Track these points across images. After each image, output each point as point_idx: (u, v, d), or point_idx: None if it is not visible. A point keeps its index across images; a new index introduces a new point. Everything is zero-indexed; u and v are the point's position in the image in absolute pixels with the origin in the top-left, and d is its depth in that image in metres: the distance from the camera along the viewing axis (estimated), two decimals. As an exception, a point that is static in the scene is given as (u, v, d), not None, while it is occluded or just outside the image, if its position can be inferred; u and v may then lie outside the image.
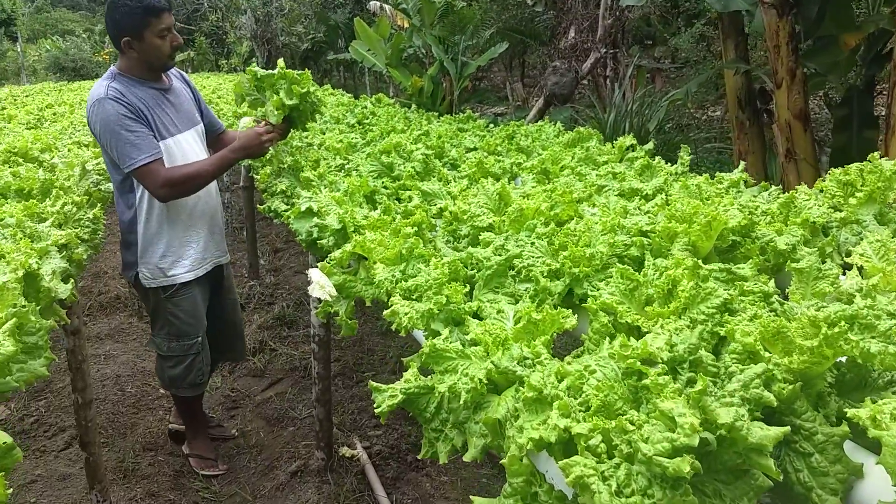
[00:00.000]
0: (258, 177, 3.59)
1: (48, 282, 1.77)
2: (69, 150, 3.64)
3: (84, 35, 32.94)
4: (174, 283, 2.70)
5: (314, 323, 2.85)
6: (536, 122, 11.10)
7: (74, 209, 2.39)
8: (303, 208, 2.31)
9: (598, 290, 1.40)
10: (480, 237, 1.86)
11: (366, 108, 5.84)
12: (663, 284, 1.35)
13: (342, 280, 1.76)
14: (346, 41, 22.22)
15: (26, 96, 11.15)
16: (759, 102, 5.21)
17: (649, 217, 1.77)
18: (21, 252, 1.77)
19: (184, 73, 2.99)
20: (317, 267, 1.86)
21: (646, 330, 1.27)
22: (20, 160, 3.56)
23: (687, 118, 11.96)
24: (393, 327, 1.42)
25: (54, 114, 6.62)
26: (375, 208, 2.38)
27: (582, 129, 3.35)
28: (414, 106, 6.11)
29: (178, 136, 2.69)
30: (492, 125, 4.55)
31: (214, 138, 3.03)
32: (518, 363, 1.00)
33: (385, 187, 2.70)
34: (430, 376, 1.17)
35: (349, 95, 9.62)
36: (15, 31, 34.96)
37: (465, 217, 2.01)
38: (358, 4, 21.96)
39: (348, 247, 1.77)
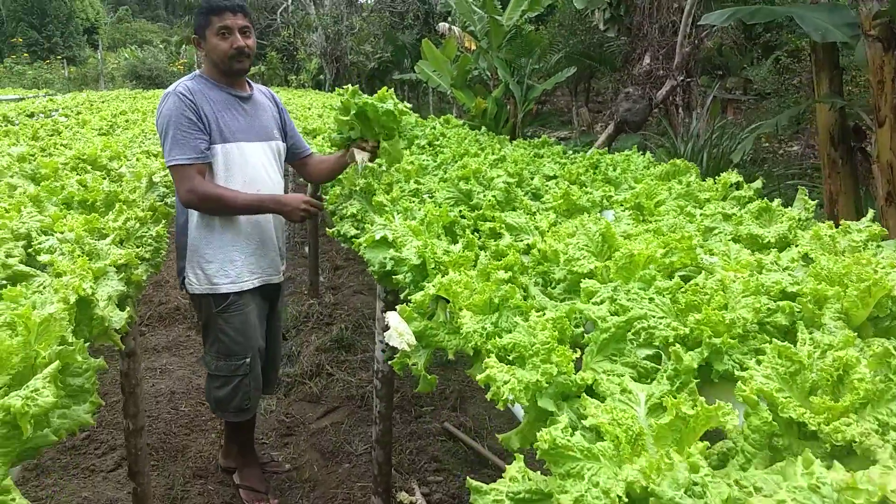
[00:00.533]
0: (326, 197, 3.45)
1: (102, 309, 1.61)
2: (137, 160, 3.57)
3: (161, 45, 34.34)
4: (217, 292, 2.58)
5: (378, 358, 2.65)
6: (608, 147, 10.79)
7: (137, 225, 2.26)
8: (377, 237, 2.11)
9: (744, 367, 1.14)
10: (581, 284, 1.61)
11: (434, 128, 5.68)
12: (831, 370, 1.08)
13: (422, 327, 1.54)
14: (411, 61, 22.39)
15: (102, 102, 11.51)
16: (853, 140, 4.80)
17: (789, 274, 1.49)
18: (76, 275, 1.62)
19: (274, 94, 2.96)
20: (395, 310, 1.64)
21: (812, 428, 1.00)
22: (88, 167, 3.52)
23: (763, 152, 11.43)
24: (488, 396, 1.19)
25: (126, 121, 6.72)
26: (455, 241, 2.16)
27: (678, 160, 3.07)
28: (484, 128, 5.91)
29: (244, 144, 2.59)
30: (570, 151, 4.30)
31: (300, 161, 3.00)
32: (685, 492, 0.75)
33: (463, 216, 2.48)
34: (543, 476, 0.93)
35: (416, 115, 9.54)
36: (97, 40, 36.83)
37: (562, 259, 1.77)
38: (426, 26, 22.14)
39: (431, 288, 1.55)
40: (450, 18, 19.72)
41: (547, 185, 2.86)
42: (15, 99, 15.70)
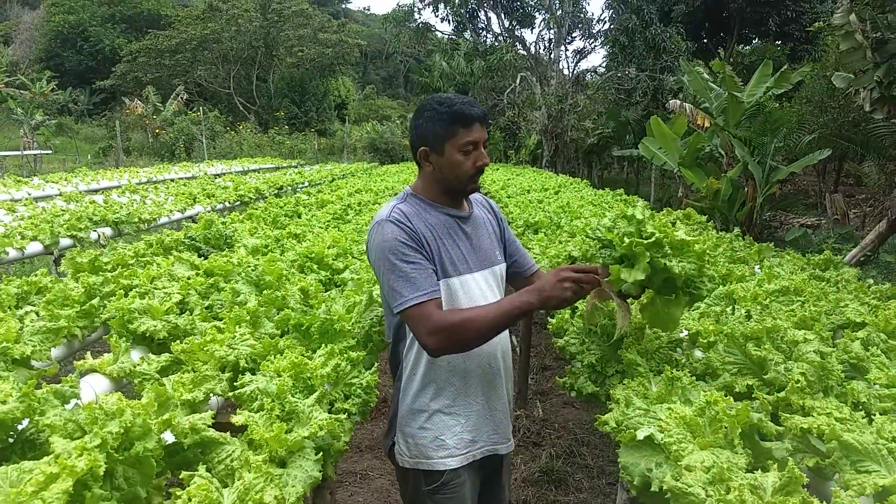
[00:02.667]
0: (552, 321, 2.95)
1: (286, 526, 1.24)
2: (361, 263, 3.40)
3: (398, 121, 37.52)
4: (431, 469, 2.04)
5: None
6: (875, 249, 9.06)
7: (348, 368, 1.94)
8: (639, 437, 1.54)
9: None
10: None
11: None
12: None
13: None
14: (634, 137, 21.67)
15: (342, 177, 12.47)
16: None
17: None
18: (261, 474, 1.27)
19: (490, 200, 2.40)
20: None
21: None
22: (315, 266, 3.41)
23: None
24: None
25: (359, 203, 6.94)
26: (753, 457, 1.51)
27: None
28: (737, 231, 5.05)
29: (467, 277, 2.06)
30: (869, 280, 3.34)
31: (524, 282, 2.30)
32: None
33: (753, 397, 1.81)
34: None
35: (643, 202, 8.82)
36: (345, 115, 41.41)
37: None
38: (654, 102, 21.37)
39: None
40: (681, 95, 18.79)
41: (870, 353, 2.06)
42: (271, 168, 17.85)
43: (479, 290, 2.08)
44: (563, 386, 2.29)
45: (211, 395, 1.91)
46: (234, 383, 1.90)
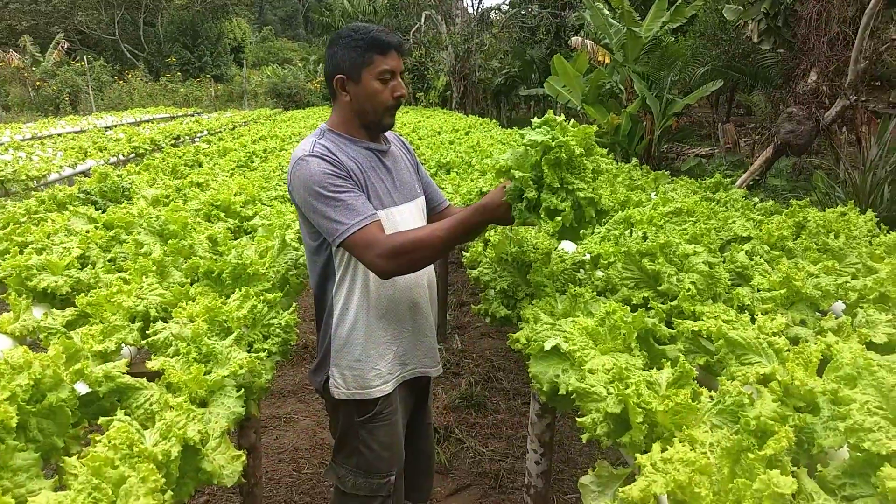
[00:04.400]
0: (466, 254, 3.04)
1: (212, 458, 1.26)
2: (271, 210, 3.34)
3: (300, 64, 36.07)
4: (367, 397, 2.09)
5: (531, 471, 2.18)
6: (763, 173, 9.70)
7: (265, 310, 1.94)
8: (547, 347, 1.65)
9: None
10: (881, 473, 1.06)
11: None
12: None
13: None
14: (539, 76, 21.87)
15: (244, 124, 11.97)
16: None
17: None
18: (182, 411, 1.28)
19: (402, 138, 2.41)
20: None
21: None
22: (221, 214, 3.33)
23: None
24: None
25: (265, 150, 6.73)
26: (646, 350, 1.65)
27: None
28: (635, 162, 5.29)
29: (393, 209, 2.07)
30: (755, 199, 3.61)
31: (436, 216, 2.34)
32: None
33: (649, 307, 1.97)
34: None
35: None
36: (242, 59, 39.36)
37: (825, 410, 1.23)
38: (557, 40, 21.53)
39: (656, 486, 1.06)
40: (582, 32, 19.03)
41: (759, 263, 2.26)
42: (166, 118, 16.87)
43: (406, 223, 2.10)
44: (478, 312, 2.38)
45: (123, 345, 1.87)
46: (147, 332, 1.86)
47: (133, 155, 8.50)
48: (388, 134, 2.27)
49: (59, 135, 11.31)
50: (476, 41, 20.41)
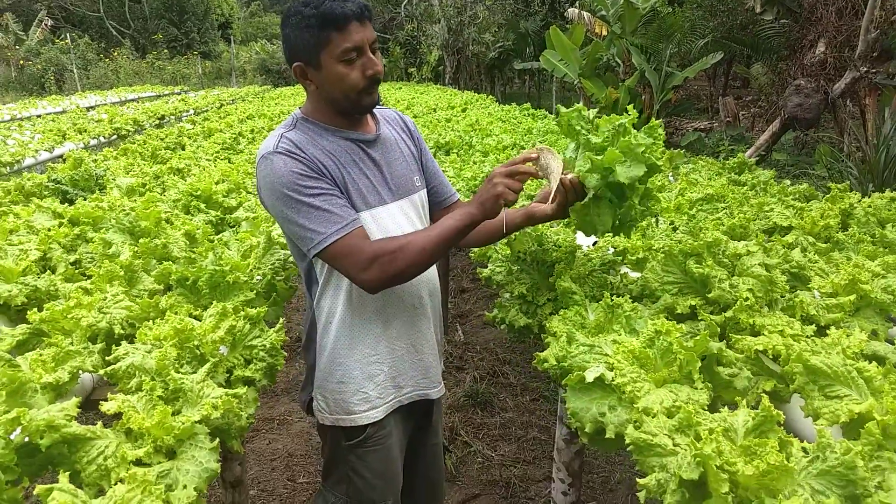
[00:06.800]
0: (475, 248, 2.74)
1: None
2: (256, 199, 3.04)
3: (290, 40, 35.26)
4: (356, 423, 1.81)
5: (556, 501, 1.91)
6: (769, 148, 9.39)
7: (247, 328, 1.65)
8: (589, 378, 1.36)
9: None
10: None
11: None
12: None
13: None
14: (535, 49, 21.36)
15: (231, 102, 11.55)
16: None
17: None
18: (139, 484, 1.00)
19: (405, 117, 2.01)
20: None
21: None
22: (202, 205, 3.02)
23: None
24: None
25: (252, 130, 6.37)
26: (713, 389, 1.37)
27: None
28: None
29: (379, 209, 1.75)
30: (786, 182, 3.32)
31: (443, 212, 1.98)
32: None
33: (699, 319, 1.69)
34: None
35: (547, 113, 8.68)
36: (230, 35, 38.52)
37: None
38: (552, 12, 21.00)
39: None
40: (577, 3, 18.54)
41: (807, 258, 1.98)
42: (152, 97, 16.37)
43: (396, 223, 1.78)
44: (493, 320, 2.10)
45: (80, 372, 1.58)
46: (108, 357, 1.57)
47: (115, 136, 8.12)
48: (385, 112, 1.94)
49: (39, 116, 10.89)
50: (469, 14, 19.87)
